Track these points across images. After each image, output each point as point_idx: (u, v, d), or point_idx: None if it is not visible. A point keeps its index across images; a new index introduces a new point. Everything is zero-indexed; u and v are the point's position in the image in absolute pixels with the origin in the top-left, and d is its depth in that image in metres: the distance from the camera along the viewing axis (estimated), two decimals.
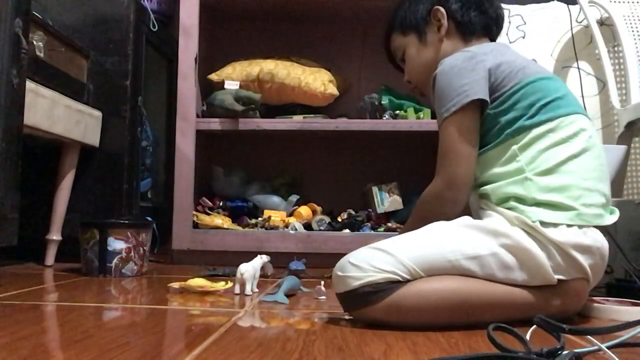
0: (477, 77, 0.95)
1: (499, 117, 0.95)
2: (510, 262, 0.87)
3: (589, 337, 0.71)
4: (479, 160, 0.96)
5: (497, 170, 0.95)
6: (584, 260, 0.88)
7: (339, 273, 0.87)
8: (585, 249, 0.88)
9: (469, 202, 1.02)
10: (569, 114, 0.95)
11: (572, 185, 0.91)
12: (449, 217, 0.94)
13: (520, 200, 0.91)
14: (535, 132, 0.93)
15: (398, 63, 1.19)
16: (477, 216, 0.97)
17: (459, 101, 0.94)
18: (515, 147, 0.93)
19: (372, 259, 0.86)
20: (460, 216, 0.94)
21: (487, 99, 0.95)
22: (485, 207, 0.95)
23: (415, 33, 1.12)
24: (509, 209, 0.91)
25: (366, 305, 0.85)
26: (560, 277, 0.88)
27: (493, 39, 1.12)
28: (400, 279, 0.85)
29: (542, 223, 0.88)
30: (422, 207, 1.00)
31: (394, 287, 0.84)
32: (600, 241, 0.90)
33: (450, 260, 0.87)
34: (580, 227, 0.89)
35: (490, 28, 1.11)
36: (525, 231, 0.88)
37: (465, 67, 0.96)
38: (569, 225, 0.88)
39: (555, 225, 0.88)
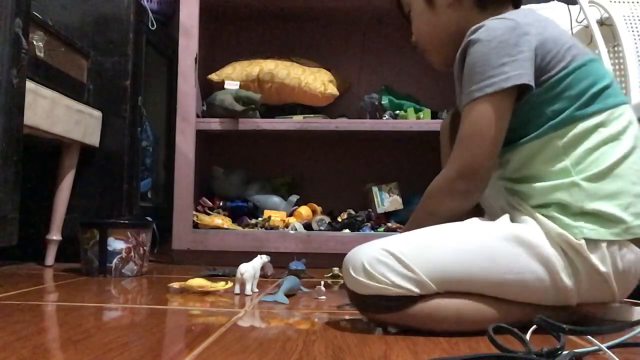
0: (521, 55, 0.82)
1: (544, 106, 0.84)
2: (537, 282, 0.81)
3: (589, 337, 0.71)
4: (517, 150, 0.87)
5: (539, 167, 0.85)
6: (616, 285, 0.82)
7: (352, 272, 0.81)
8: (623, 276, 0.82)
9: (487, 196, 0.92)
10: (619, 104, 0.86)
11: (623, 191, 0.82)
12: (457, 213, 0.86)
13: (564, 208, 0.82)
14: (583, 126, 0.83)
15: (405, 17, 1.06)
16: (500, 213, 0.89)
17: (497, 83, 0.82)
18: (559, 142, 0.83)
19: (386, 269, 0.79)
20: (470, 213, 0.87)
21: (533, 84, 0.83)
22: (520, 207, 0.86)
23: None
24: (548, 217, 0.82)
25: (375, 312, 0.83)
26: (584, 301, 0.84)
27: (517, 5, 0.97)
28: (414, 295, 0.80)
29: (587, 241, 0.80)
30: (428, 200, 0.89)
31: (404, 303, 0.80)
32: (638, 259, 0.83)
33: (471, 278, 0.81)
34: (622, 243, 0.81)
35: None
36: (563, 249, 0.81)
37: (507, 41, 0.82)
38: (611, 243, 0.80)
39: (597, 243, 0.80)
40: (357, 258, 0.82)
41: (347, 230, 1.82)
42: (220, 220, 1.85)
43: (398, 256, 0.80)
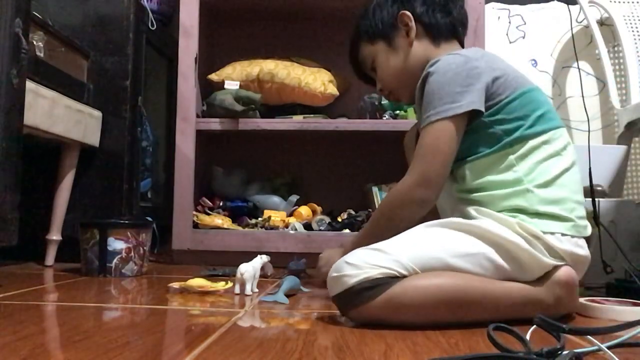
0: (472, 86, 0.95)
1: (495, 126, 0.96)
2: (502, 259, 0.90)
3: (589, 337, 0.71)
4: (471, 166, 0.97)
5: (492, 177, 0.96)
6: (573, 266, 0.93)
7: (335, 274, 0.88)
8: (577, 259, 0.93)
9: (440, 205, 1.05)
10: (559, 127, 0.99)
11: (567, 198, 0.94)
12: (414, 219, 0.97)
13: (521, 211, 0.92)
14: (532, 143, 0.95)
15: (367, 72, 1.19)
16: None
17: (452, 109, 0.94)
18: (512, 157, 0.95)
19: (368, 257, 0.87)
20: (424, 219, 0.96)
21: (482, 109, 0.95)
22: (477, 212, 0.95)
23: (383, 40, 1.11)
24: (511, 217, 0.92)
25: (363, 303, 0.84)
26: (554, 262, 0.90)
27: (461, 40, 1.13)
28: (397, 274, 0.86)
29: (543, 232, 0.90)
30: (387, 207, 1.01)
31: (391, 281, 0.85)
32: (588, 252, 0.96)
33: (443, 259, 0.88)
34: (572, 237, 0.93)
35: (457, 29, 1.11)
36: (523, 237, 0.90)
37: (460, 74, 0.95)
38: (563, 235, 0.92)
39: (553, 233, 0.91)
40: (339, 262, 0.89)
41: (347, 230, 1.82)
42: (220, 220, 1.85)
43: (378, 248, 0.89)
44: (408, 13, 1.08)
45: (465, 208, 0.97)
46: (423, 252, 0.89)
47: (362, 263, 0.86)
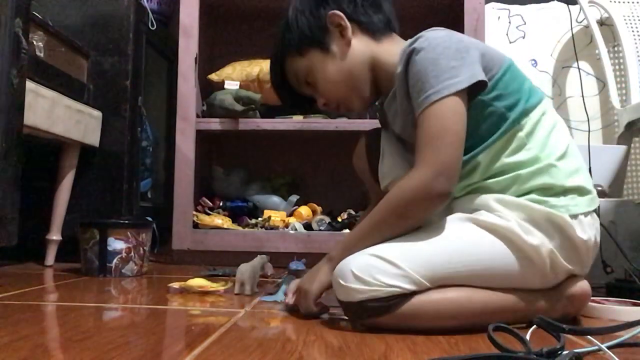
0: (468, 58, 0.87)
1: (494, 102, 0.89)
2: (518, 264, 0.85)
3: (589, 337, 0.71)
4: (485, 152, 0.90)
5: (506, 160, 0.89)
6: (587, 257, 0.90)
7: (342, 282, 0.82)
8: (594, 245, 0.90)
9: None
10: (544, 97, 0.95)
11: (580, 167, 0.91)
12: (429, 216, 0.87)
13: (547, 190, 0.87)
14: (533, 117, 0.90)
15: (300, 91, 1.05)
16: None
17: (452, 85, 0.84)
18: (521, 134, 0.89)
19: (376, 272, 0.81)
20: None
21: (486, 79, 0.87)
22: (500, 204, 0.87)
23: (315, 48, 0.99)
24: (534, 202, 0.86)
25: (370, 317, 0.82)
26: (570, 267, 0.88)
27: (397, 33, 1.03)
28: (407, 292, 0.81)
29: (571, 216, 0.86)
30: (398, 205, 0.86)
31: (400, 301, 0.81)
32: (598, 238, 0.92)
33: (456, 269, 0.83)
34: (591, 212, 0.89)
35: (392, 24, 1.01)
36: (548, 235, 0.85)
37: (450, 47, 0.87)
38: (586, 215, 0.88)
39: (577, 216, 0.86)
40: (345, 268, 0.83)
41: (347, 230, 1.82)
42: (220, 220, 1.85)
43: (386, 258, 0.81)
44: (338, 12, 0.97)
45: (481, 198, 0.89)
46: (435, 262, 0.83)
47: (369, 278, 0.80)
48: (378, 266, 0.81)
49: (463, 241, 0.85)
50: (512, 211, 0.86)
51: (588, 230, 0.87)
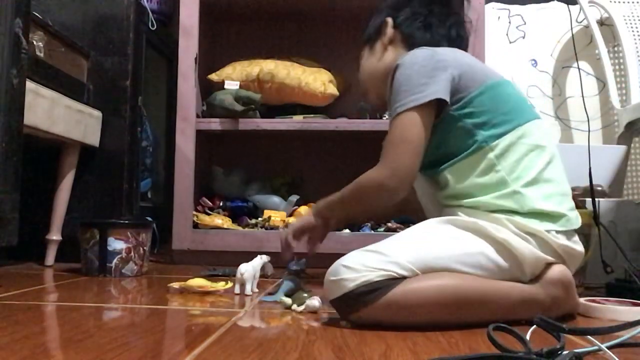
0: (438, 77, 0.95)
1: (464, 119, 0.95)
2: (501, 257, 0.90)
3: (589, 337, 0.71)
4: (453, 169, 0.97)
5: (476, 180, 0.95)
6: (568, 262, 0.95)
7: (332, 278, 0.87)
8: (572, 253, 0.94)
9: (426, 206, 1.08)
10: (534, 119, 0.98)
11: (555, 192, 0.94)
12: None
13: (514, 213, 0.92)
14: (508, 139, 0.94)
15: None
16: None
17: (418, 99, 0.93)
18: (491, 155, 0.94)
19: (366, 260, 0.86)
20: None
21: (447, 98, 0.95)
22: (468, 216, 0.94)
23: (369, 43, 1.16)
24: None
25: (364, 306, 0.84)
26: (549, 258, 0.91)
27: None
28: (396, 276, 0.85)
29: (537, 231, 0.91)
30: (358, 189, 1.01)
31: (390, 284, 0.84)
32: (582, 248, 0.96)
33: (442, 259, 0.88)
34: (566, 231, 0.93)
35: (438, 45, 1.07)
36: (518, 235, 0.90)
37: (426, 66, 0.96)
38: (558, 232, 0.92)
39: (548, 231, 0.91)
40: (336, 265, 0.89)
41: (347, 230, 1.82)
42: (220, 220, 1.84)
43: (375, 250, 0.88)
44: (390, 20, 1.12)
45: (454, 213, 0.97)
46: (421, 252, 0.88)
47: (359, 266, 0.85)
48: (367, 256, 0.87)
49: (445, 236, 0.92)
50: (482, 219, 0.93)
51: (563, 240, 0.92)
